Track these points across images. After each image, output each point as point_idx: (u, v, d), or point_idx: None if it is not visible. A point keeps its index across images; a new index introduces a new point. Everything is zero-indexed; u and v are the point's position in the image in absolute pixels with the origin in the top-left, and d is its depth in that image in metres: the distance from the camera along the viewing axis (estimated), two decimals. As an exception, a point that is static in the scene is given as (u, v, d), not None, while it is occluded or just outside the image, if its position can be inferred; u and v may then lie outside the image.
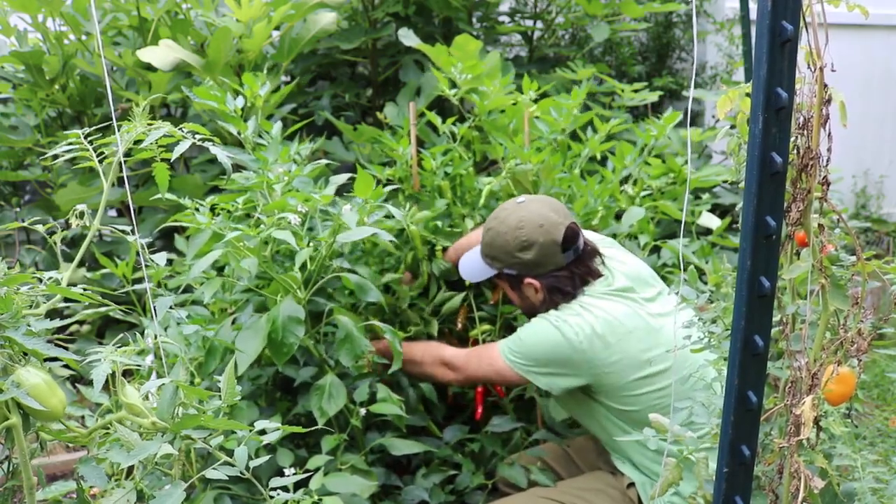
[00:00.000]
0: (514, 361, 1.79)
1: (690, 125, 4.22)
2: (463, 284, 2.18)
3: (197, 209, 1.73)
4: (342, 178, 1.95)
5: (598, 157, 2.57)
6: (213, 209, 1.76)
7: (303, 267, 1.76)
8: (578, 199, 2.31)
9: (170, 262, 1.80)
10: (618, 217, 2.44)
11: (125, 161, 1.22)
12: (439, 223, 2.19)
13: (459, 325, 2.20)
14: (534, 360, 1.77)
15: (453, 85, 2.42)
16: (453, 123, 2.31)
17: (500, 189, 2.27)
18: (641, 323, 1.75)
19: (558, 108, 2.41)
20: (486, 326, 2.19)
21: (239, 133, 2.00)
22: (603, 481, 1.86)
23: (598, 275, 1.84)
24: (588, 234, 1.95)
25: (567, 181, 2.35)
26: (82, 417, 1.40)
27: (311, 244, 1.78)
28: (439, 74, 2.41)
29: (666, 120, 2.49)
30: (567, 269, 1.81)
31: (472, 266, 1.95)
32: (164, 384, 1.12)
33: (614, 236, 2.26)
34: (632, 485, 1.81)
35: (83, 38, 2.97)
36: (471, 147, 2.42)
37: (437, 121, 2.30)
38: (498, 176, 2.27)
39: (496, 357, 1.82)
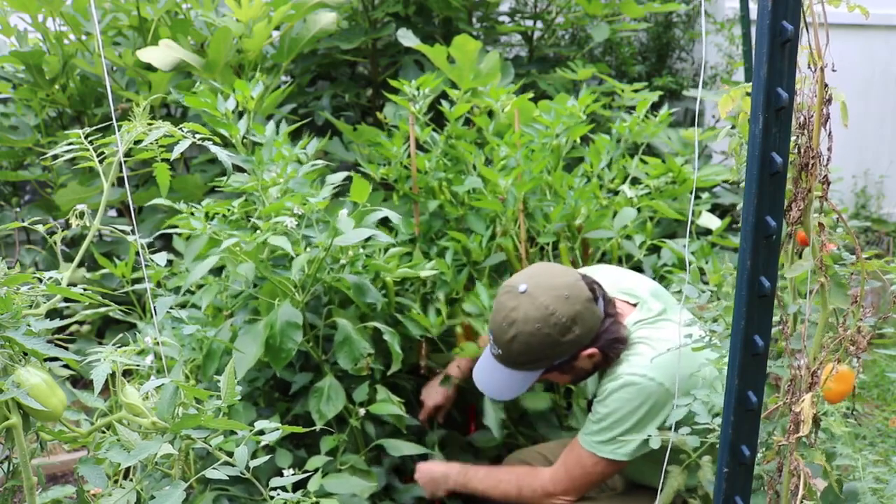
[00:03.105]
0: (610, 451, 1.60)
1: (690, 125, 4.22)
2: None
3: (192, 213, 1.71)
4: (338, 177, 1.93)
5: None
6: (207, 214, 1.74)
7: (300, 270, 1.74)
8: (559, 200, 2.21)
9: (170, 262, 1.79)
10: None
11: (125, 161, 1.22)
12: (433, 223, 2.17)
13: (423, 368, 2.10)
14: (620, 431, 1.57)
15: (451, 96, 2.39)
16: (433, 131, 2.29)
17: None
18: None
19: (542, 113, 2.31)
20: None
21: (231, 136, 2.00)
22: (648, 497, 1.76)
23: (626, 305, 1.73)
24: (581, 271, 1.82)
25: (539, 179, 2.23)
26: (77, 423, 1.40)
27: (308, 248, 1.76)
28: (402, 101, 2.30)
29: (638, 106, 2.42)
30: (607, 316, 1.65)
31: (502, 383, 1.70)
32: (163, 384, 1.12)
33: (611, 238, 2.24)
34: None
35: (83, 38, 2.97)
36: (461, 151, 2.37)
37: (416, 131, 2.26)
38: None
39: (583, 456, 1.63)
